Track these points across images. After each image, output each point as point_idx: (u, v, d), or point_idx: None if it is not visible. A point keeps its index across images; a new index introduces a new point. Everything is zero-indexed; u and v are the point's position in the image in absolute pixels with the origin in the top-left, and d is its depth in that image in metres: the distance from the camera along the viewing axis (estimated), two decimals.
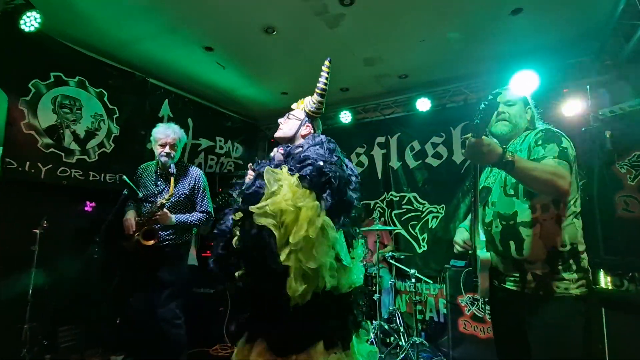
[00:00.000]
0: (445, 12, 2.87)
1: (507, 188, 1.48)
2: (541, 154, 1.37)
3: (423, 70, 3.88)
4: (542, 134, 1.44)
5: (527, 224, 1.40)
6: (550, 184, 1.27)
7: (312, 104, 1.64)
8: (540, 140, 1.41)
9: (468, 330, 2.88)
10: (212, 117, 4.78)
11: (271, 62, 3.73)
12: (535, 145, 1.42)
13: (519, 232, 1.42)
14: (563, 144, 1.39)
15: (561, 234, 1.37)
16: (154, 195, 2.52)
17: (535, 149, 1.41)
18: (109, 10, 2.85)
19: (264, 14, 2.92)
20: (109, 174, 3.40)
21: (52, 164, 2.99)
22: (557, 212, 1.38)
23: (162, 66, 3.77)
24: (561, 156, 1.34)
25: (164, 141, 2.53)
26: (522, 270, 1.42)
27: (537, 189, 1.34)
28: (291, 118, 1.66)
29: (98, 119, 3.37)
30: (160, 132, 2.56)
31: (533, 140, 1.44)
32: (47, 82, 2.99)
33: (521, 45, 3.27)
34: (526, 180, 1.31)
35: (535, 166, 1.30)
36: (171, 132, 2.56)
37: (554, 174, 1.27)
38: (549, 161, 1.33)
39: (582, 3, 2.71)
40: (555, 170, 1.28)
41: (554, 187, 1.28)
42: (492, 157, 1.24)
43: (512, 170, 1.25)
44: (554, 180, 1.26)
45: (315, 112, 1.65)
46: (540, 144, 1.40)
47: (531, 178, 1.28)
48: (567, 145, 1.39)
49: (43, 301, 2.75)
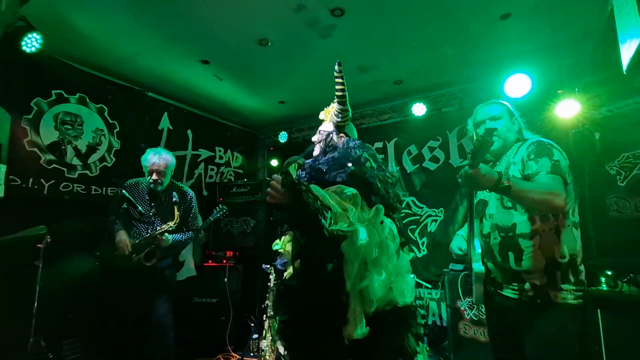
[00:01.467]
0: (435, 17, 2.91)
1: (504, 201, 1.51)
2: (534, 169, 1.40)
3: (417, 75, 3.92)
4: (534, 147, 1.47)
5: (526, 236, 1.42)
6: (546, 204, 1.31)
7: (335, 116, 1.56)
8: (533, 155, 1.44)
9: (468, 333, 2.88)
10: (211, 128, 4.85)
11: (267, 72, 3.79)
12: (527, 160, 1.45)
13: (518, 244, 1.44)
14: (555, 156, 1.42)
15: (560, 245, 1.39)
16: (148, 217, 2.60)
17: (528, 164, 1.44)
18: (107, 29, 2.93)
19: (258, 27, 2.98)
20: (110, 188, 3.46)
21: (55, 179, 3.06)
22: (556, 222, 1.41)
23: (161, 80, 3.85)
24: (554, 170, 1.37)
25: (150, 168, 2.62)
26: (520, 281, 1.44)
27: (534, 208, 1.38)
28: (322, 134, 1.58)
29: (99, 134, 3.45)
30: (149, 160, 2.64)
31: (525, 154, 1.47)
32: (49, 100, 3.08)
33: (513, 48, 3.30)
34: (523, 201, 1.36)
35: (531, 187, 1.33)
36: (157, 159, 2.64)
37: (549, 193, 1.31)
38: (542, 177, 1.36)
39: (570, 7, 2.74)
40: (550, 189, 1.32)
41: (549, 206, 1.32)
42: (489, 184, 1.29)
43: (509, 193, 1.30)
44: (550, 199, 1.30)
45: (342, 121, 1.55)
46: (533, 158, 1.43)
47: (527, 199, 1.33)
48: (559, 158, 1.41)
49: (48, 314, 2.80)
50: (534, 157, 1.44)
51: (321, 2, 2.66)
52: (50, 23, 2.73)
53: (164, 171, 2.63)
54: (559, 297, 1.38)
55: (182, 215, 2.67)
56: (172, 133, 4.20)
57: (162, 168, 2.62)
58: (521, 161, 1.48)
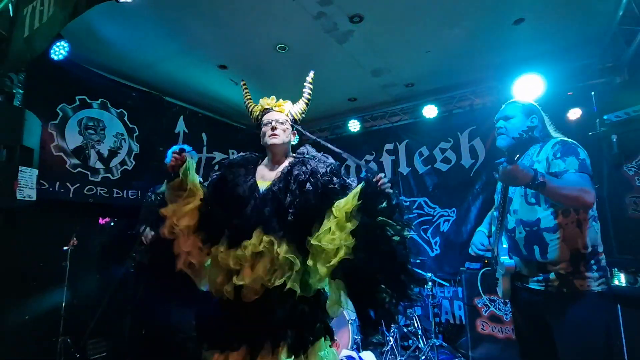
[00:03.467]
0: (449, 23, 2.99)
1: (528, 197, 1.57)
2: (562, 167, 1.47)
3: (429, 78, 3.99)
4: (560, 146, 1.53)
5: (550, 229, 1.49)
6: (578, 200, 1.38)
7: (299, 113, 1.68)
8: (559, 154, 1.51)
9: (486, 330, 2.95)
10: (225, 131, 4.92)
11: (281, 76, 3.86)
12: (554, 158, 1.51)
13: (543, 237, 1.50)
14: (581, 155, 1.48)
15: (583, 237, 1.46)
16: None
17: (555, 162, 1.50)
18: (131, 36, 3.01)
19: (277, 34, 3.06)
20: (131, 190, 3.54)
21: (80, 182, 3.13)
22: (578, 216, 1.47)
23: (178, 85, 3.93)
24: (582, 169, 1.44)
25: None
26: (545, 272, 1.50)
27: (566, 203, 1.44)
28: (285, 124, 1.63)
29: (120, 138, 3.52)
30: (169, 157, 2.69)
31: (551, 152, 1.54)
32: (73, 106, 3.15)
33: (524, 52, 3.37)
34: (556, 197, 1.42)
35: (564, 184, 1.40)
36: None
37: (581, 190, 1.38)
38: (571, 175, 1.43)
39: (582, 10, 2.81)
40: (582, 186, 1.39)
41: (581, 202, 1.39)
42: (525, 180, 1.36)
43: (544, 189, 1.37)
44: (581, 196, 1.37)
45: (299, 120, 1.70)
46: (560, 157, 1.50)
47: (560, 195, 1.39)
48: (584, 157, 1.48)
49: (74, 315, 2.87)
50: (560, 155, 1.50)
51: (341, 9, 2.74)
52: (77, 32, 2.80)
53: None
54: (584, 285, 1.44)
55: None
56: (187, 136, 4.27)
57: None
58: (546, 159, 1.55)
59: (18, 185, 2.16)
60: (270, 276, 1.38)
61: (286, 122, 1.63)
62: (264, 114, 1.67)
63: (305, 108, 1.70)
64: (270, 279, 1.37)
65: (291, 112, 1.67)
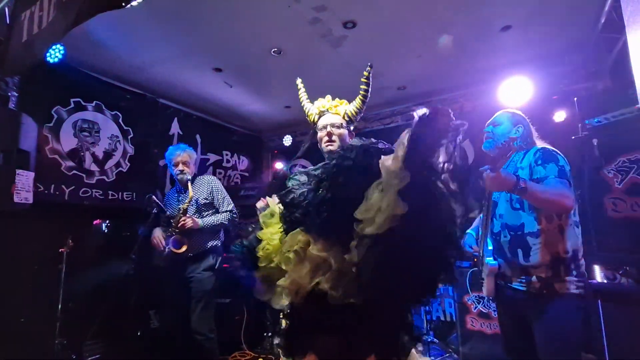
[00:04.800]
0: (440, 29, 3.08)
1: (513, 202, 1.67)
2: (543, 173, 1.56)
3: (420, 82, 4.09)
4: (540, 154, 1.63)
5: (533, 234, 1.58)
6: (557, 204, 1.48)
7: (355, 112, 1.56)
8: (540, 160, 1.61)
9: (475, 327, 3.05)
10: (219, 132, 4.95)
11: (276, 79, 3.92)
12: (535, 165, 1.61)
13: (526, 242, 1.60)
14: (560, 162, 1.58)
15: (564, 242, 1.56)
16: (178, 211, 2.66)
17: (536, 169, 1.60)
18: (127, 40, 3.03)
19: (273, 38, 3.11)
20: (126, 192, 3.55)
21: (75, 185, 3.14)
22: (560, 222, 1.56)
23: (172, 87, 3.95)
24: (561, 175, 1.54)
25: (175, 161, 2.70)
26: (527, 274, 1.60)
27: (547, 207, 1.53)
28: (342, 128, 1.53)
29: (114, 140, 3.53)
30: (171, 153, 2.74)
31: (533, 160, 1.64)
32: (68, 108, 3.16)
33: (511, 57, 3.50)
34: (537, 201, 1.51)
35: (545, 189, 1.49)
36: (181, 151, 2.73)
37: (561, 194, 1.48)
38: (551, 181, 1.52)
39: (566, 18, 2.93)
40: (562, 191, 1.49)
41: (561, 206, 1.48)
42: (507, 186, 1.44)
43: (525, 194, 1.45)
44: (561, 200, 1.47)
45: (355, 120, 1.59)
46: (541, 164, 1.59)
47: (541, 200, 1.48)
48: (563, 163, 1.58)
49: (70, 317, 2.88)
50: (541, 162, 1.60)
51: (335, 15, 2.80)
52: (73, 34, 2.79)
53: (187, 161, 2.71)
54: (562, 288, 1.53)
55: (208, 200, 2.70)
56: (181, 138, 4.29)
57: (186, 159, 2.70)
58: (529, 166, 1.64)
59: (16, 188, 2.18)
60: (308, 277, 1.24)
61: (342, 125, 1.54)
62: (319, 116, 1.59)
63: (362, 106, 1.58)
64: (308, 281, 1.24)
65: (347, 114, 1.57)
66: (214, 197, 2.75)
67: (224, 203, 2.77)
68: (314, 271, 1.23)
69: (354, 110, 1.57)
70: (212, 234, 2.69)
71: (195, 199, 2.64)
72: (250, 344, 3.69)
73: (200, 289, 2.54)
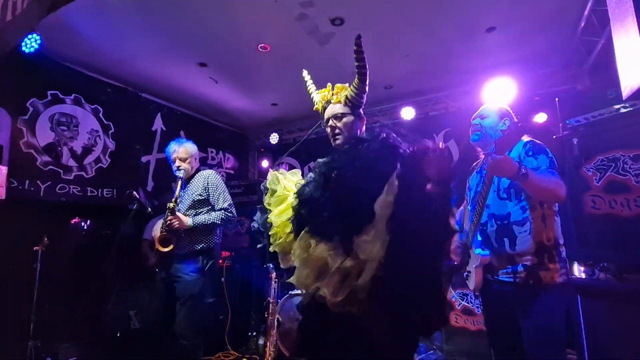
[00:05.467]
0: (426, 30, 3.11)
1: (500, 192, 1.68)
2: (535, 164, 1.58)
3: (407, 81, 4.12)
4: (530, 145, 1.66)
5: (519, 223, 1.61)
6: (553, 192, 1.50)
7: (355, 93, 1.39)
8: (531, 152, 1.63)
9: (459, 323, 3.09)
10: (203, 129, 4.87)
11: (263, 76, 3.88)
12: (526, 156, 1.63)
13: (512, 230, 1.62)
14: (550, 154, 1.61)
15: (547, 230, 1.59)
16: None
17: (527, 159, 1.61)
18: (108, 31, 2.93)
19: (259, 33, 3.07)
20: (106, 189, 3.44)
21: (51, 181, 3.02)
22: (543, 211, 1.60)
23: (156, 81, 3.85)
24: (552, 166, 1.57)
25: (173, 156, 2.60)
26: (514, 263, 1.62)
27: (542, 196, 1.55)
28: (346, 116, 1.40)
29: (94, 135, 3.42)
30: (171, 148, 2.62)
31: (523, 151, 1.66)
32: (45, 101, 3.04)
33: (495, 59, 3.56)
34: (535, 189, 1.51)
35: (543, 177, 1.50)
36: (178, 147, 2.61)
37: (557, 183, 1.50)
38: (544, 172, 1.54)
39: (548, 21, 3.00)
40: (557, 180, 1.51)
41: (556, 195, 1.51)
42: (511, 171, 1.43)
43: (526, 181, 1.45)
44: (557, 189, 1.49)
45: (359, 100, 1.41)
46: (531, 155, 1.62)
47: (540, 188, 1.50)
48: (552, 155, 1.62)
49: (45, 318, 2.77)
50: (532, 153, 1.63)
51: (323, 11, 2.79)
52: (51, 25, 2.70)
53: (185, 157, 2.56)
54: (547, 277, 1.56)
55: (203, 196, 2.55)
56: (165, 134, 4.20)
57: (182, 154, 2.56)
58: (518, 157, 1.66)
59: None
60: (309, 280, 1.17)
61: (345, 114, 1.40)
62: (324, 109, 1.46)
63: (362, 85, 1.38)
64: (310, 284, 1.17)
65: (348, 99, 1.40)
66: (209, 194, 2.58)
67: (219, 200, 2.57)
68: (316, 275, 1.16)
69: (353, 92, 1.39)
70: (204, 233, 2.51)
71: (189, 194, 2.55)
72: (235, 344, 3.63)
73: (186, 291, 2.43)
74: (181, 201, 2.52)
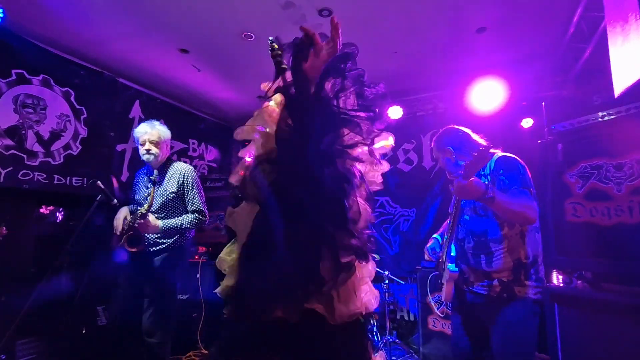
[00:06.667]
0: (416, 28, 3.04)
1: (478, 209, 1.65)
2: (506, 184, 1.54)
3: (395, 80, 4.05)
4: (502, 163, 1.62)
5: (496, 240, 1.58)
6: (522, 216, 1.46)
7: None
8: (502, 170, 1.59)
9: (437, 327, 3.05)
10: (185, 119, 4.69)
11: (247, 66, 3.74)
12: (498, 175, 1.59)
13: (489, 247, 1.59)
14: (521, 170, 1.57)
15: (525, 248, 1.56)
16: (145, 199, 2.39)
17: (499, 179, 1.58)
18: (79, 8, 2.74)
19: (243, 20, 2.94)
20: (76, 177, 3.25)
21: (13, 166, 2.82)
22: (521, 228, 1.56)
23: (134, 66, 3.66)
24: (524, 185, 1.53)
25: (142, 139, 2.45)
26: (489, 278, 1.59)
27: (511, 218, 1.52)
28: None
29: (64, 119, 3.22)
30: (139, 131, 2.47)
31: (495, 169, 1.62)
32: (8, 80, 2.83)
33: (485, 60, 3.53)
34: (502, 212, 1.48)
35: (511, 200, 1.46)
36: (150, 128, 2.47)
37: (526, 206, 1.46)
38: (515, 192, 1.50)
39: (537, 24, 2.97)
40: (527, 202, 1.47)
41: (525, 218, 1.47)
42: (477, 194, 1.41)
43: (493, 203, 1.42)
44: (526, 212, 1.45)
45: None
46: (503, 174, 1.58)
47: (507, 210, 1.46)
48: (524, 172, 1.57)
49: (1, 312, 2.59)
50: (503, 172, 1.60)
51: (310, 1, 2.67)
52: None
53: (157, 141, 2.41)
54: (522, 292, 1.54)
55: (177, 193, 2.42)
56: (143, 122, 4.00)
57: (154, 137, 2.39)
58: (491, 174, 1.64)
59: None
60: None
61: None
62: None
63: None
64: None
65: None
66: (183, 192, 2.44)
67: (193, 201, 2.44)
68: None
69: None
70: (175, 232, 2.40)
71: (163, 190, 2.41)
72: (208, 342, 3.50)
73: (154, 287, 2.31)
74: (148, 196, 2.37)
